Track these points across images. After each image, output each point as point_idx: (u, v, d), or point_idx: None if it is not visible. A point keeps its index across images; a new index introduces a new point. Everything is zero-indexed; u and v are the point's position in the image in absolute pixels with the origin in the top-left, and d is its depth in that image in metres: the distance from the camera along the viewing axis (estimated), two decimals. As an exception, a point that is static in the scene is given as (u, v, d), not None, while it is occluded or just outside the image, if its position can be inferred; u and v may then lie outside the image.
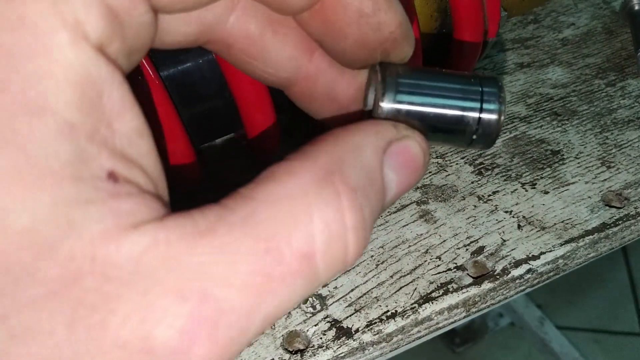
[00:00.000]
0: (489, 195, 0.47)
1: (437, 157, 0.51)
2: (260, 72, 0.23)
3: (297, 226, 0.17)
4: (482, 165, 0.50)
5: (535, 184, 0.48)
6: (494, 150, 0.51)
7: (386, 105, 0.22)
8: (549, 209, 0.46)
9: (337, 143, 0.19)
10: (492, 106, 0.23)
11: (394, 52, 0.23)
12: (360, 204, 0.18)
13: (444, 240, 0.44)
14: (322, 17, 0.21)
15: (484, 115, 0.23)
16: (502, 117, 0.23)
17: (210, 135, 0.47)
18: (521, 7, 0.56)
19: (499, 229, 0.44)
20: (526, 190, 0.47)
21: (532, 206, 0.46)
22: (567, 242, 0.43)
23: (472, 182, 0.48)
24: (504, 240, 0.43)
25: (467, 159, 0.50)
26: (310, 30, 0.22)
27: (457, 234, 0.44)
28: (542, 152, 0.51)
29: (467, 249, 0.43)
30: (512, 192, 0.47)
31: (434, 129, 0.23)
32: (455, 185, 0.48)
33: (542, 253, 0.42)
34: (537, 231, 0.44)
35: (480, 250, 0.43)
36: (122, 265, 0.15)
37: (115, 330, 0.15)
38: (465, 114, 0.23)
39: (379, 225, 0.45)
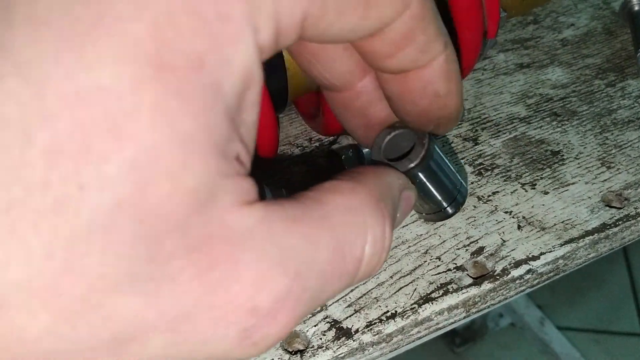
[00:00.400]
0: (489, 196, 0.47)
1: (437, 158, 0.50)
2: (317, 73, 0.26)
3: (357, 236, 0.21)
4: (481, 166, 0.50)
5: (535, 184, 0.48)
6: (494, 151, 0.51)
7: (415, 167, 0.30)
8: (549, 210, 0.46)
9: (378, 177, 0.23)
10: (455, 207, 0.35)
11: (443, 127, 0.28)
12: (392, 230, 0.22)
13: (444, 241, 0.44)
14: (402, 84, 0.25)
15: (450, 209, 0.34)
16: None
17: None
18: (521, 8, 0.56)
19: (498, 229, 0.44)
20: (526, 191, 0.47)
21: (532, 207, 0.46)
22: (567, 242, 0.43)
23: (472, 183, 0.48)
24: (504, 241, 0.43)
25: (467, 159, 0.50)
26: (385, 87, 0.26)
27: (456, 235, 0.44)
28: (542, 153, 0.51)
29: (466, 250, 0.43)
30: (512, 192, 0.47)
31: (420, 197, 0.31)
32: (455, 186, 0.48)
33: (542, 253, 0.42)
34: (537, 231, 0.44)
35: (480, 250, 0.43)
36: (241, 233, 0.18)
37: (229, 288, 0.17)
38: (443, 202, 0.34)
39: (379, 226, 0.45)
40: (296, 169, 0.50)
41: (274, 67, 0.43)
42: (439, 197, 0.34)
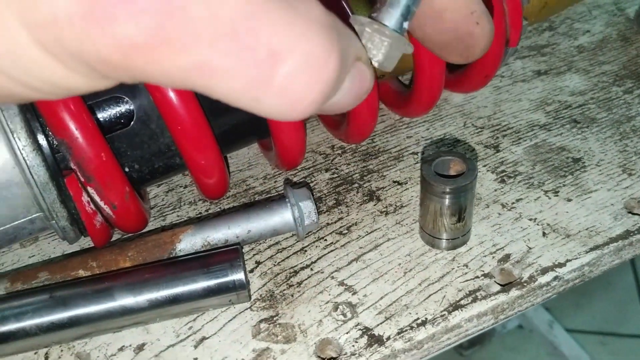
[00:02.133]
0: (513, 203, 0.47)
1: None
2: None
3: (290, 34, 0.19)
4: (504, 173, 0.50)
5: (558, 191, 0.48)
6: (516, 158, 0.51)
7: (467, 185, 0.40)
8: (572, 217, 0.46)
9: (345, 27, 0.22)
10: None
11: (473, 49, 0.29)
12: (339, 69, 0.20)
13: (470, 248, 0.44)
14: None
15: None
16: None
17: (237, 145, 0.48)
18: (539, 16, 0.56)
19: (524, 236, 0.45)
20: (549, 198, 0.48)
21: (556, 214, 0.46)
22: (592, 249, 0.43)
23: (495, 190, 0.49)
24: (530, 248, 0.44)
25: (489, 166, 0.51)
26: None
27: (482, 242, 0.44)
28: (564, 160, 0.51)
29: (493, 257, 0.43)
30: (535, 199, 0.48)
31: None
32: (479, 193, 0.48)
33: (568, 260, 0.43)
34: (562, 239, 0.44)
35: (507, 257, 0.43)
36: None
37: None
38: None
39: (405, 234, 0.45)
40: (319, 176, 0.51)
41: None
42: (471, 220, 0.42)
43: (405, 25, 0.25)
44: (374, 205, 0.48)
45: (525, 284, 0.41)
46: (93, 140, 0.36)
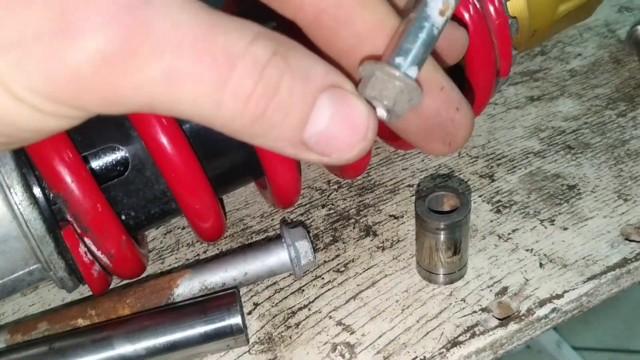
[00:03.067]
0: (509, 234, 0.47)
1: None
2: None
3: (238, 37, 0.20)
4: (499, 203, 0.50)
5: (554, 220, 0.48)
6: (511, 187, 0.52)
7: (461, 221, 0.41)
8: (569, 246, 0.46)
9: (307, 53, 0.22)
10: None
11: (456, 138, 0.28)
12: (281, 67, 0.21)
13: (467, 282, 0.44)
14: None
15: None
16: None
17: (232, 186, 0.48)
18: (529, 44, 0.57)
19: (521, 267, 0.45)
20: (545, 227, 0.48)
21: (553, 243, 0.46)
22: (589, 279, 0.43)
23: (492, 221, 0.49)
24: (527, 280, 0.44)
25: (485, 197, 0.51)
26: None
27: (480, 275, 0.44)
28: (559, 187, 0.51)
29: (490, 290, 0.43)
30: (531, 229, 0.48)
31: None
32: (474, 225, 0.48)
33: (565, 291, 0.43)
34: (559, 269, 0.44)
35: (504, 290, 0.43)
36: None
37: None
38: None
39: (402, 269, 0.45)
40: (316, 213, 0.51)
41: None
42: (467, 253, 0.43)
43: (417, 72, 0.24)
44: (371, 240, 0.48)
45: (523, 317, 0.41)
46: (89, 192, 0.37)
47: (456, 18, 0.48)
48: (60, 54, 0.18)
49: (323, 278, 0.45)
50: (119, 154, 0.40)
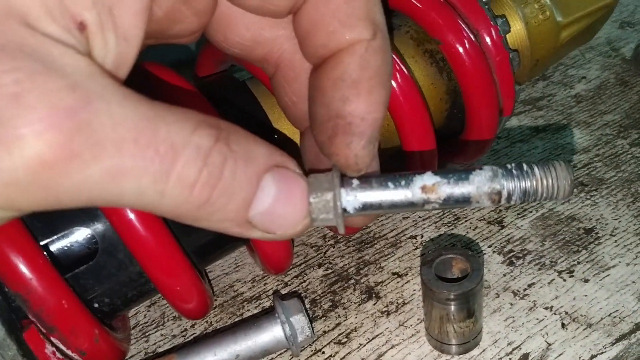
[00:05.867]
0: (525, 290, 0.43)
1: (462, 246, 0.47)
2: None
3: (181, 131, 0.20)
4: (512, 253, 0.46)
5: (573, 271, 0.44)
6: (523, 234, 0.47)
7: (474, 288, 0.36)
8: (592, 301, 0.42)
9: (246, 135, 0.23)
10: None
11: (340, 140, 0.25)
12: (224, 164, 0.21)
13: (484, 350, 0.40)
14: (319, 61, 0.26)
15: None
16: None
17: (217, 255, 0.44)
18: (531, 75, 0.53)
19: (541, 329, 0.40)
20: (564, 280, 0.43)
21: (574, 299, 0.42)
22: (618, 340, 0.39)
23: (505, 275, 0.44)
24: (549, 344, 0.39)
25: (495, 247, 0.47)
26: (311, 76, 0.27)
27: (496, 341, 0.40)
28: (575, 232, 0.47)
29: (510, 358, 0.39)
30: (549, 283, 0.43)
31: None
32: (487, 280, 0.44)
33: (593, 356, 0.39)
34: (584, 329, 0.40)
35: (525, 358, 0.39)
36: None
37: None
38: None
39: (411, 337, 0.41)
40: (312, 274, 0.47)
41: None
42: (481, 319, 0.39)
43: (357, 205, 0.24)
44: (374, 304, 0.44)
45: (549, 391, 0.37)
46: (51, 288, 0.32)
47: (454, 55, 0.44)
48: None
49: (324, 352, 0.41)
50: (85, 236, 0.35)
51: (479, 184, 0.24)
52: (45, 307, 0.32)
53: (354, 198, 0.24)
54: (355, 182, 0.25)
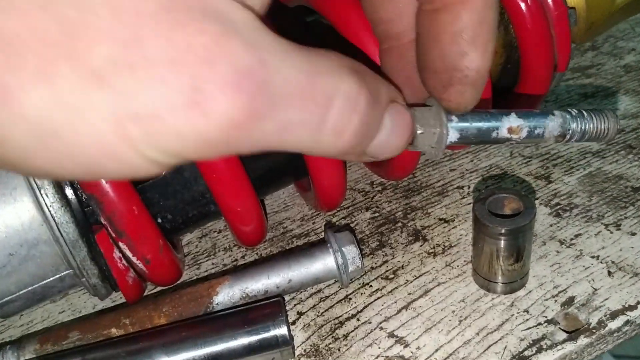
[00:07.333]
0: (571, 239, 0.44)
1: (508, 198, 0.48)
2: (384, 16, 0.29)
3: (332, 79, 0.22)
4: (559, 206, 0.47)
5: (620, 224, 0.45)
6: (570, 189, 0.48)
7: (525, 226, 0.37)
8: (639, 252, 0.42)
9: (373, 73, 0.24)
10: None
11: (456, 88, 0.26)
12: (368, 107, 0.23)
13: (530, 292, 0.41)
14: (434, 19, 0.26)
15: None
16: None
17: (274, 187, 0.45)
18: (585, 37, 0.53)
19: (587, 276, 0.41)
20: (611, 232, 0.44)
21: (620, 250, 0.43)
22: (664, 289, 0.40)
23: (551, 225, 0.45)
24: (595, 289, 0.40)
25: (542, 199, 0.47)
26: (419, 26, 0.27)
27: (542, 284, 0.41)
28: (622, 189, 0.47)
29: (555, 300, 0.40)
30: (595, 234, 0.44)
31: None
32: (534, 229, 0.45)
33: (638, 302, 0.39)
34: (630, 277, 0.41)
35: (571, 300, 0.40)
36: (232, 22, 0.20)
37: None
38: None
39: (457, 277, 0.42)
40: (360, 216, 0.48)
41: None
42: (529, 261, 0.40)
43: (454, 139, 0.27)
44: (421, 246, 0.45)
45: (594, 331, 0.38)
46: (124, 194, 0.34)
47: (513, 8, 0.45)
48: (192, 124, 0.19)
49: (371, 286, 0.42)
50: (156, 152, 0.37)
51: (552, 128, 0.28)
52: (117, 211, 0.34)
53: (453, 132, 0.27)
54: (455, 118, 0.27)
